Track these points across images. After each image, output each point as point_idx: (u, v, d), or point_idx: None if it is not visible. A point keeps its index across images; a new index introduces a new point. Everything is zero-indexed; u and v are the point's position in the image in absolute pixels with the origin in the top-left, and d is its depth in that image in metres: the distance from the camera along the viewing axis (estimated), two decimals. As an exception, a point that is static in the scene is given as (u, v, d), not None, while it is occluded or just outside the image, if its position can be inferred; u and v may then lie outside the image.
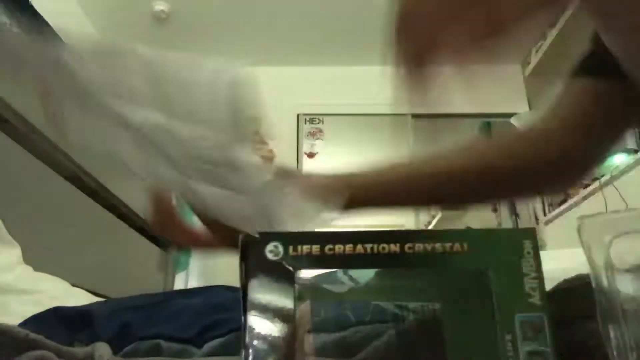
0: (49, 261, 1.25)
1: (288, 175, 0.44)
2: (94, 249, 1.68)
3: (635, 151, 2.31)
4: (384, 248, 0.28)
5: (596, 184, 2.32)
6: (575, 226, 0.30)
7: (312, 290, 0.31)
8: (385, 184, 0.56)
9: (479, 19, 0.29)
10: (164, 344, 0.53)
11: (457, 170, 0.58)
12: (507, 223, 3.30)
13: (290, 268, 0.27)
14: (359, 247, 0.28)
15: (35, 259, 1.17)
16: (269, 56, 3.56)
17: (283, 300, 0.26)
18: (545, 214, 3.06)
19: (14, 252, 1.13)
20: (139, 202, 2.00)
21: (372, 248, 0.28)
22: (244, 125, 0.37)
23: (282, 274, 0.27)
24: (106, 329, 0.56)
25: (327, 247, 0.27)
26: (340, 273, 0.31)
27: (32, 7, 1.62)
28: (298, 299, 0.27)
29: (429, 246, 0.28)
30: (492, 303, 0.27)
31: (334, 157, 3.96)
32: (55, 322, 0.60)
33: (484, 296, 0.27)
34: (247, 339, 0.25)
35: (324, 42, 3.45)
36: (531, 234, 0.29)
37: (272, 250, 0.27)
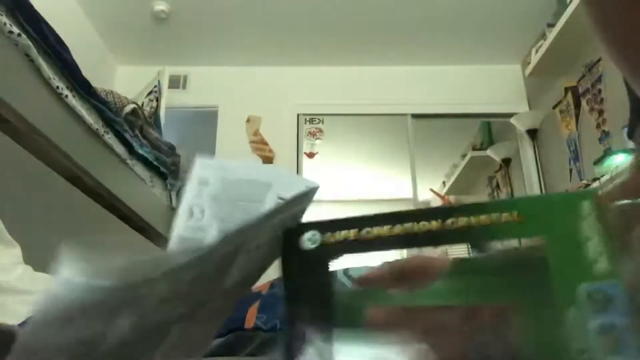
0: (49, 261, 1.25)
1: None
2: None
3: (636, 151, 2.30)
4: (424, 225, 0.26)
5: (596, 183, 2.32)
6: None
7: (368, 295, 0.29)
8: None
9: None
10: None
11: None
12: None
13: (328, 258, 0.25)
14: (397, 228, 0.26)
15: (35, 259, 1.17)
16: (269, 56, 3.56)
17: (322, 292, 0.25)
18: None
19: (14, 252, 1.12)
20: (138, 202, 2.00)
21: (411, 227, 0.26)
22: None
23: (320, 265, 0.25)
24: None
25: (364, 231, 0.26)
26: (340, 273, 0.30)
27: (32, 7, 1.62)
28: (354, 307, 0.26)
29: (473, 219, 0.26)
30: (550, 274, 0.25)
31: (334, 157, 3.96)
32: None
33: (541, 268, 0.25)
34: (287, 332, 0.24)
35: (323, 42, 3.45)
36: (590, 195, 0.26)
37: (310, 239, 0.26)
